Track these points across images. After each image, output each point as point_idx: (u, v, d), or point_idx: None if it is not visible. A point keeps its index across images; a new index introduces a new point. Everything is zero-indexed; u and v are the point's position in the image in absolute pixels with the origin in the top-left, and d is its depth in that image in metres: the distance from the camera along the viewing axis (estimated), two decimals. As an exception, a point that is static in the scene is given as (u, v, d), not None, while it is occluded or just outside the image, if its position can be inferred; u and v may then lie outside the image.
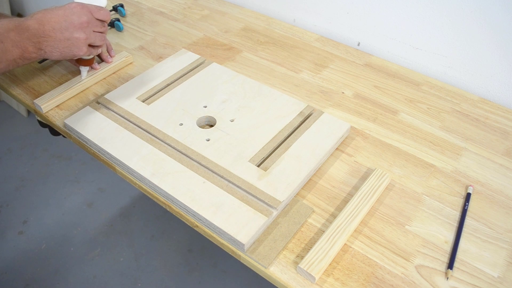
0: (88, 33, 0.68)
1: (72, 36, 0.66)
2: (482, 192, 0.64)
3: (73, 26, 0.65)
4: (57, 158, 1.72)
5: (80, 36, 0.66)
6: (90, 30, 0.68)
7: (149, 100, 0.75)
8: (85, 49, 0.69)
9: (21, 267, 1.37)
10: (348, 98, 0.80)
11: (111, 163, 0.67)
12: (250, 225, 0.56)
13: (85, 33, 0.67)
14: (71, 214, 1.52)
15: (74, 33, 0.66)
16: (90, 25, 0.68)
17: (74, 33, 0.66)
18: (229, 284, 1.34)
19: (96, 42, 0.70)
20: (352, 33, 0.96)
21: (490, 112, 0.78)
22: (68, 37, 0.66)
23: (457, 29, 0.80)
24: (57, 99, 0.76)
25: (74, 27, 0.66)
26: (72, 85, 0.78)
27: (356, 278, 0.53)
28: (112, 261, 1.39)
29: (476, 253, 0.56)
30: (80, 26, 0.66)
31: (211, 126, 0.72)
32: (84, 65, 0.78)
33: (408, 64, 0.91)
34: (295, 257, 0.55)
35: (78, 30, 0.66)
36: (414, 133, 0.73)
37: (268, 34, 0.97)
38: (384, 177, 0.63)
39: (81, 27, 0.66)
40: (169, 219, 1.51)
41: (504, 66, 0.79)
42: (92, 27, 0.68)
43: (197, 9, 1.06)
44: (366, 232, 0.58)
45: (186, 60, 0.84)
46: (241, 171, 0.62)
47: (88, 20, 0.67)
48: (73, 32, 0.66)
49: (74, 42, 0.66)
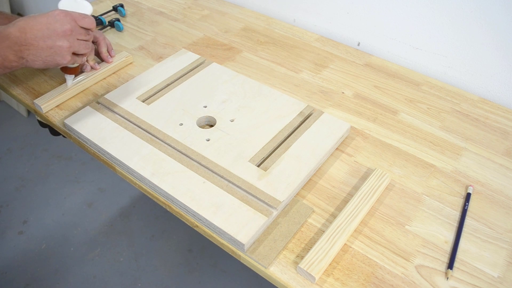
0: (72, 41, 0.65)
1: (55, 44, 0.63)
2: (482, 192, 0.64)
3: (56, 34, 0.63)
4: (57, 158, 1.72)
5: (63, 44, 0.64)
6: (74, 38, 0.65)
7: (149, 100, 0.75)
8: (69, 58, 0.66)
9: (21, 267, 1.37)
10: (348, 98, 0.80)
11: (111, 163, 0.67)
12: (250, 225, 0.56)
13: (69, 41, 0.65)
14: (71, 214, 1.52)
15: (57, 41, 0.63)
16: (73, 33, 0.65)
17: (57, 41, 0.63)
18: (229, 284, 1.34)
19: (80, 50, 0.67)
20: (352, 33, 0.96)
21: (490, 112, 0.78)
22: (51, 45, 0.63)
23: (457, 29, 0.80)
24: (57, 99, 0.76)
25: (57, 35, 0.63)
26: (72, 85, 0.78)
27: (356, 278, 0.53)
28: (112, 261, 1.39)
29: (476, 253, 0.56)
30: (63, 34, 0.64)
31: (211, 126, 0.72)
32: (69, 74, 0.76)
33: (408, 64, 0.91)
34: (295, 257, 0.55)
35: (61, 38, 0.64)
36: (414, 133, 0.73)
37: (268, 34, 0.97)
38: (384, 177, 0.63)
39: (64, 35, 0.64)
40: (169, 219, 1.51)
41: (504, 66, 0.79)
42: (76, 35, 0.66)
43: (197, 9, 1.06)
44: (366, 232, 0.58)
45: (186, 60, 0.84)
46: (241, 171, 0.62)
47: (71, 28, 0.64)
48: (56, 40, 0.63)
49: (57, 50, 0.64)
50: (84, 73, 0.81)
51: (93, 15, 1.00)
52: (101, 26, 0.98)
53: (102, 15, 1.01)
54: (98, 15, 1.00)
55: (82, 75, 0.80)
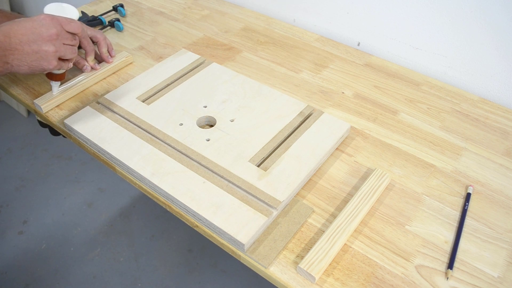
0: (58, 46, 0.64)
1: (41, 49, 0.62)
2: (482, 192, 0.64)
3: (41, 38, 0.62)
4: (57, 158, 1.72)
5: (49, 49, 0.63)
6: (60, 43, 0.64)
7: (149, 100, 0.75)
8: (55, 63, 0.65)
9: (21, 267, 1.37)
10: (348, 98, 0.80)
11: (111, 163, 0.67)
12: (250, 225, 0.56)
13: (55, 46, 0.63)
14: (71, 214, 1.52)
15: (43, 45, 0.62)
16: (59, 38, 0.64)
17: (43, 45, 0.62)
18: (229, 284, 1.34)
19: (66, 55, 0.66)
20: (352, 33, 0.96)
21: (490, 112, 0.78)
22: (36, 50, 0.62)
23: (457, 29, 0.80)
24: (57, 99, 0.76)
25: (42, 40, 0.62)
26: (72, 85, 0.78)
27: (356, 278, 0.53)
28: (112, 261, 1.39)
29: (476, 253, 0.56)
30: (49, 38, 0.62)
31: (211, 126, 0.72)
32: (55, 80, 0.74)
33: (408, 64, 0.91)
34: (295, 257, 0.55)
35: (47, 42, 0.62)
36: (414, 133, 0.73)
37: (268, 34, 0.97)
38: (384, 177, 0.63)
39: (50, 39, 0.62)
40: (169, 219, 1.51)
41: (504, 66, 0.79)
42: (62, 39, 0.64)
43: (197, 9, 1.06)
44: (366, 232, 0.58)
45: (186, 60, 0.84)
46: (241, 171, 0.62)
47: (57, 33, 0.63)
48: (42, 44, 0.62)
49: (42, 55, 0.63)
50: (84, 73, 0.81)
51: (93, 15, 1.00)
52: (101, 26, 0.98)
53: (102, 15, 1.01)
54: (98, 15, 1.00)
55: (82, 75, 0.80)
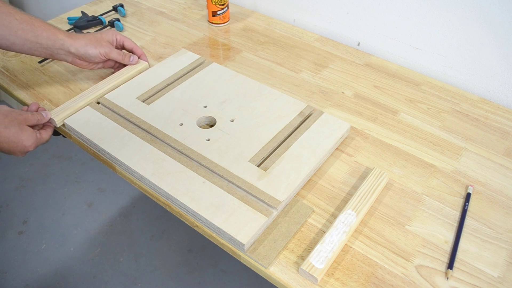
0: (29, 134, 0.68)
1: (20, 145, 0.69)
2: (482, 192, 0.64)
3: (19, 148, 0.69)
4: (57, 158, 1.72)
5: (27, 144, 0.68)
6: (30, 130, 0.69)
7: (149, 100, 0.75)
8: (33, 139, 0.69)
9: (21, 267, 1.37)
10: (348, 98, 0.80)
11: (111, 163, 0.67)
12: (250, 225, 0.56)
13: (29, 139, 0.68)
14: (71, 214, 1.52)
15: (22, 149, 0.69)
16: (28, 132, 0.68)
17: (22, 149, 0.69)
18: (229, 284, 1.34)
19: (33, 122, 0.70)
20: (352, 33, 0.96)
21: (490, 112, 0.78)
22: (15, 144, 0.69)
23: (457, 29, 0.80)
24: (69, 111, 0.73)
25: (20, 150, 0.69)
26: (87, 96, 0.76)
27: (356, 278, 0.53)
28: (112, 261, 1.39)
29: (476, 253, 0.56)
30: (24, 149, 0.69)
31: (211, 126, 0.72)
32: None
33: (408, 64, 0.91)
34: (295, 257, 0.55)
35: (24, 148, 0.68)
36: (414, 133, 0.73)
37: (268, 34, 0.97)
38: (382, 176, 0.63)
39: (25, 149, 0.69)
40: (169, 219, 1.51)
41: (504, 66, 0.79)
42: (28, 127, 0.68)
43: (197, 9, 1.06)
44: (366, 232, 0.58)
45: (186, 60, 0.84)
46: (241, 171, 0.62)
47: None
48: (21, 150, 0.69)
49: (21, 148, 0.69)
50: (127, 66, 0.81)
51: (93, 15, 1.00)
52: (101, 26, 0.98)
53: (102, 15, 1.01)
54: (98, 15, 1.00)
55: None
